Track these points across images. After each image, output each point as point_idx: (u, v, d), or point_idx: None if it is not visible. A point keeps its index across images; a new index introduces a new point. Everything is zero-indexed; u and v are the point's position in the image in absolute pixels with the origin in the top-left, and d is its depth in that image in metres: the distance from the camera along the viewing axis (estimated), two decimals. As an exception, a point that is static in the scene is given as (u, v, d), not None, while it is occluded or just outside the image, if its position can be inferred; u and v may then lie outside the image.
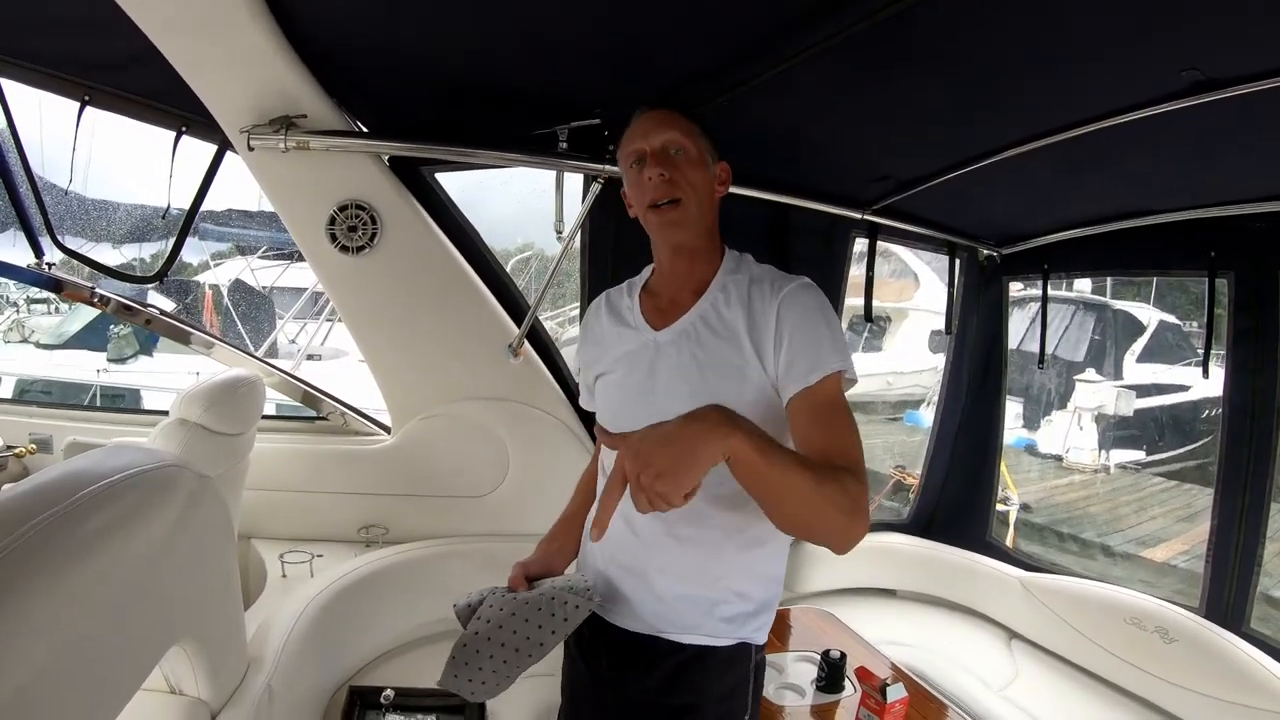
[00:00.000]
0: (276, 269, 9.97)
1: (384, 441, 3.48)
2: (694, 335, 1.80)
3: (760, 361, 1.71)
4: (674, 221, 1.80)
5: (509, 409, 3.40)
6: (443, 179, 3.20)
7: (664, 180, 1.77)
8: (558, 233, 3.04)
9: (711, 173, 1.85)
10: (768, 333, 1.71)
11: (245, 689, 2.06)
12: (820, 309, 1.75)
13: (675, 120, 1.82)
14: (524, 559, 2.10)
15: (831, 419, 1.65)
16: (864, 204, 3.60)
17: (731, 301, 1.79)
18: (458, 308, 3.20)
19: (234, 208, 9.66)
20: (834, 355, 1.68)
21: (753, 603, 1.82)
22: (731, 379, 1.72)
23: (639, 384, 1.85)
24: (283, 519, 3.41)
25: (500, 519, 3.49)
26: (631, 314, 1.96)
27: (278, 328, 9.40)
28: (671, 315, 1.86)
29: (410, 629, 3.18)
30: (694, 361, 1.77)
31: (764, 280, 1.80)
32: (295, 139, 2.65)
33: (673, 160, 1.78)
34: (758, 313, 1.75)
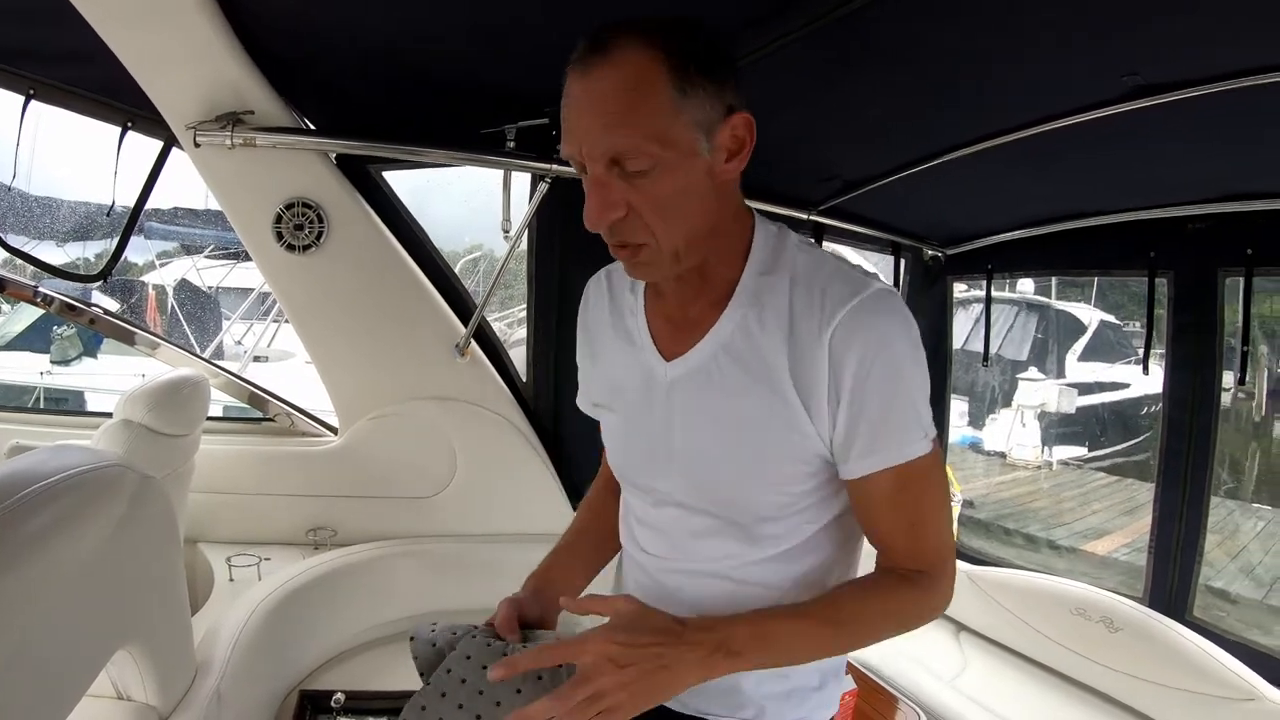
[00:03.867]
0: (223, 269, 9.87)
1: (331, 442, 3.46)
2: (717, 374, 1.30)
3: (810, 416, 1.23)
4: (645, 266, 1.25)
5: (456, 409, 3.38)
6: (392, 180, 3.19)
7: (618, 224, 1.19)
8: (505, 232, 3.04)
9: (705, 157, 1.18)
10: (818, 379, 1.21)
11: (194, 694, 2.04)
12: (898, 347, 1.21)
13: (630, 107, 1.12)
14: (515, 596, 1.51)
15: (896, 510, 1.28)
16: (811, 204, 3.63)
17: (766, 320, 1.26)
18: (405, 307, 3.19)
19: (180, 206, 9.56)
20: (915, 427, 1.24)
21: (815, 675, 1.43)
22: (778, 446, 1.27)
23: (651, 438, 1.40)
24: (230, 522, 3.37)
25: (448, 519, 3.48)
26: (635, 322, 1.43)
27: (224, 329, 9.31)
28: (685, 336, 1.34)
29: (360, 631, 3.16)
30: (722, 414, 1.30)
31: (813, 285, 1.24)
32: (242, 136, 2.61)
33: (627, 183, 1.16)
34: (803, 344, 1.22)
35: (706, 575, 1.39)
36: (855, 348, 1.18)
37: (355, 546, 3.29)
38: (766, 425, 1.26)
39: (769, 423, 1.26)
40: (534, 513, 3.56)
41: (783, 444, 1.26)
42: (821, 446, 1.26)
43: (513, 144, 2.89)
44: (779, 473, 1.29)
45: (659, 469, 1.40)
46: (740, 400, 1.27)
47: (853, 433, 1.22)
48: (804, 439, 1.25)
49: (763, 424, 1.26)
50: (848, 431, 1.22)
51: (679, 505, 1.40)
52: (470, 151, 2.90)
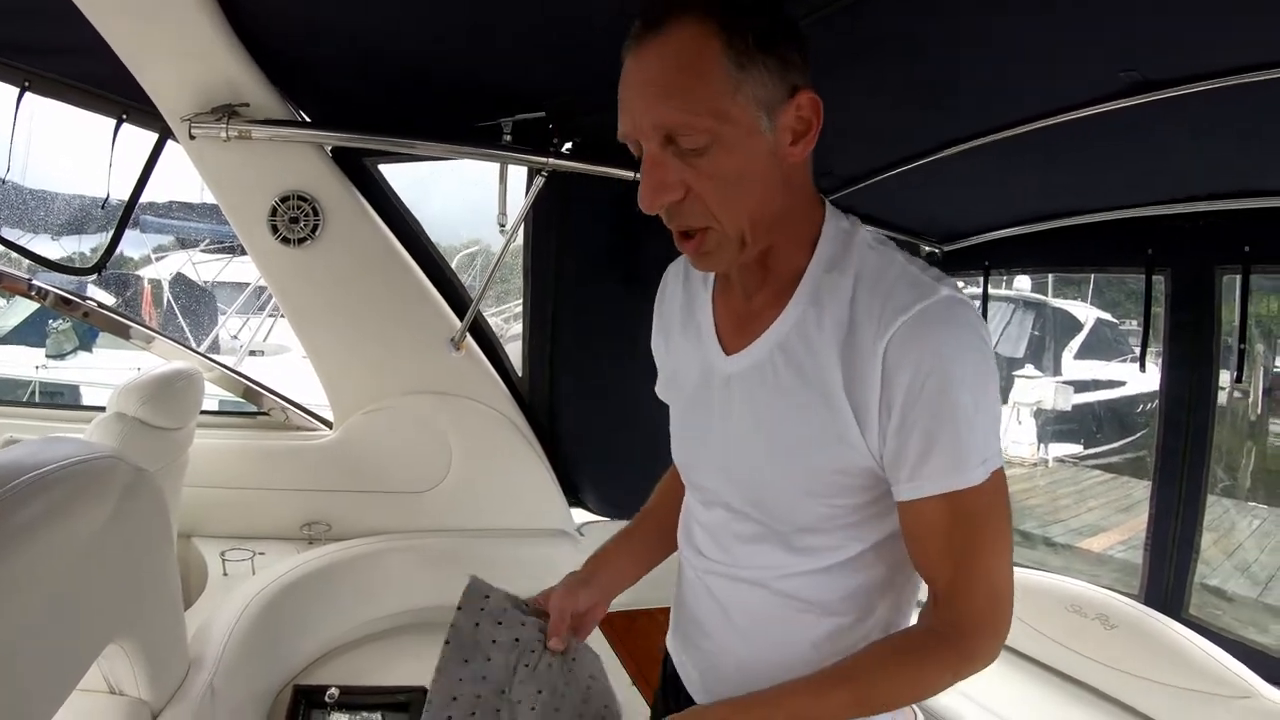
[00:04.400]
0: (219, 263, 9.86)
1: (326, 436, 3.45)
2: (771, 374, 1.24)
3: (860, 428, 1.16)
4: (708, 255, 1.21)
5: (451, 403, 3.37)
6: (389, 173, 3.18)
7: (676, 206, 1.15)
8: (501, 226, 3.03)
9: (768, 136, 1.13)
10: (871, 390, 1.14)
11: (187, 689, 2.03)
12: (957, 362, 1.12)
13: (684, 80, 1.08)
14: (571, 582, 1.52)
15: (945, 545, 1.18)
16: (807, 200, 3.57)
17: (825, 322, 1.19)
18: (400, 300, 3.18)
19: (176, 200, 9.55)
20: (969, 454, 1.14)
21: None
22: (825, 456, 1.20)
23: (702, 432, 1.38)
24: (224, 516, 3.36)
25: (444, 514, 3.46)
26: (703, 315, 1.39)
27: (220, 323, 9.30)
28: (746, 330, 1.29)
29: (355, 626, 3.15)
30: (772, 416, 1.25)
31: (877, 288, 1.16)
32: (237, 128, 2.61)
33: (684, 162, 1.11)
34: (859, 353, 1.15)
35: (748, 583, 1.35)
36: (909, 361, 1.11)
37: (350, 541, 3.28)
38: (813, 431, 1.20)
39: (816, 429, 1.19)
40: (529, 508, 3.56)
41: (828, 453, 1.19)
42: (871, 461, 1.18)
43: (509, 137, 2.87)
44: (822, 482, 1.23)
45: (709, 466, 1.38)
46: (789, 403, 1.22)
47: (901, 453, 1.14)
48: (851, 451, 1.18)
49: (809, 430, 1.20)
50: (897, 451, 1.15)
51: (725, 506, 1.36)
52: (467, 144, 2.89)
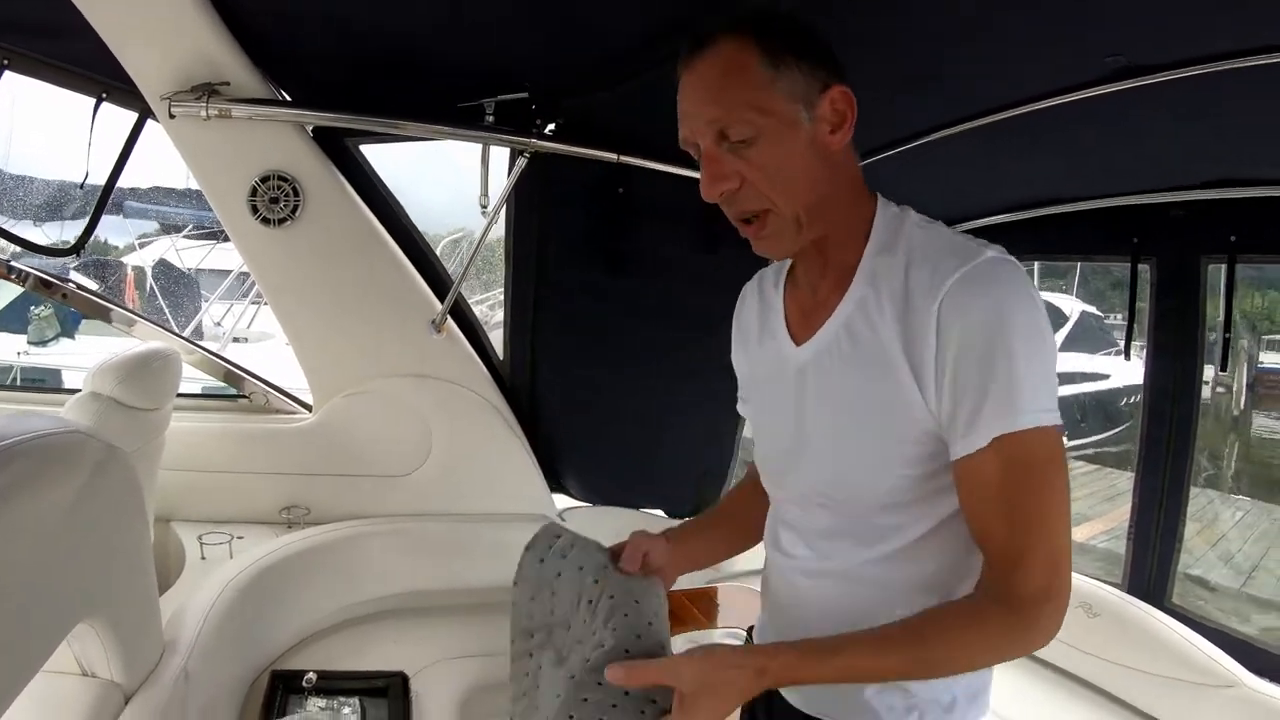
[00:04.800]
0: (202, 249, 9.81)
1: (305, 420, 3.43)
2: (838, 355, 1.32)
3: (921, 392, 1.22)
4: (770, 238, 1.31)
5: (432, 386, 3.35)
6: (372, 155, 3.17)
7: (733, 194, 1.27)
8: (482, 207, 3.02)
9: (808, 126, 1.25)
10: (926, 355, 1.20)
11: (161, 672, 2.00)
12: (1005, 316, 1.17)
13: (726, 81, 1.24)
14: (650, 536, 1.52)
15: (999, 503, 1.20)
16: (791, 185, 3.55)
17: (883, 300, 1.27)
18: (380, 282, 3.16)
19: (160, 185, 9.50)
20: (1023, 401, 1.16)
21: (946, 693, 1.36)
22: (895, 426, 1.26)
23: (782, 426, 1.42)
24: (203, 500, 3.34)
25: (424, 498, 3.45)
26: (774, 315, 1.48)
27: (203, 309, 9.26)
28: (813, 320, 1.38)
29: (334, 611, 3.13)
30: (844, 396, 1.32)
31: (926, 260, 1.24)
32: (217, 107, 2.60)
33: (736, 155, 1.24)
34: (915, 319, 1.22)
35: (832, 576, 1.39)
36: (960, 316, 1.17)
37: (329, 525, 3.26)
38: (882, 404, 1.26)
39: (885, 401, 1.25)
40: (510, 492, 3.54)
41: (899, 423, 1.25)
42: (933, 424, 1.23)
43: (491, 118, 2.86)
44: (896, 453, 1.27)
45: (789, 457, 1.43)
46: (858, 377, 1.28)
47: (958, 406, 1.19)
48: (915, 415, 1.23)
49: (879, 403, 1.26)
50: (953, 404, 1.19)
51: (806, 498, 1.42)
52: (448, 125, 2.89)
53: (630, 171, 3.10)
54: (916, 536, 1.31)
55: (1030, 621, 1.19)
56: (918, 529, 1.31)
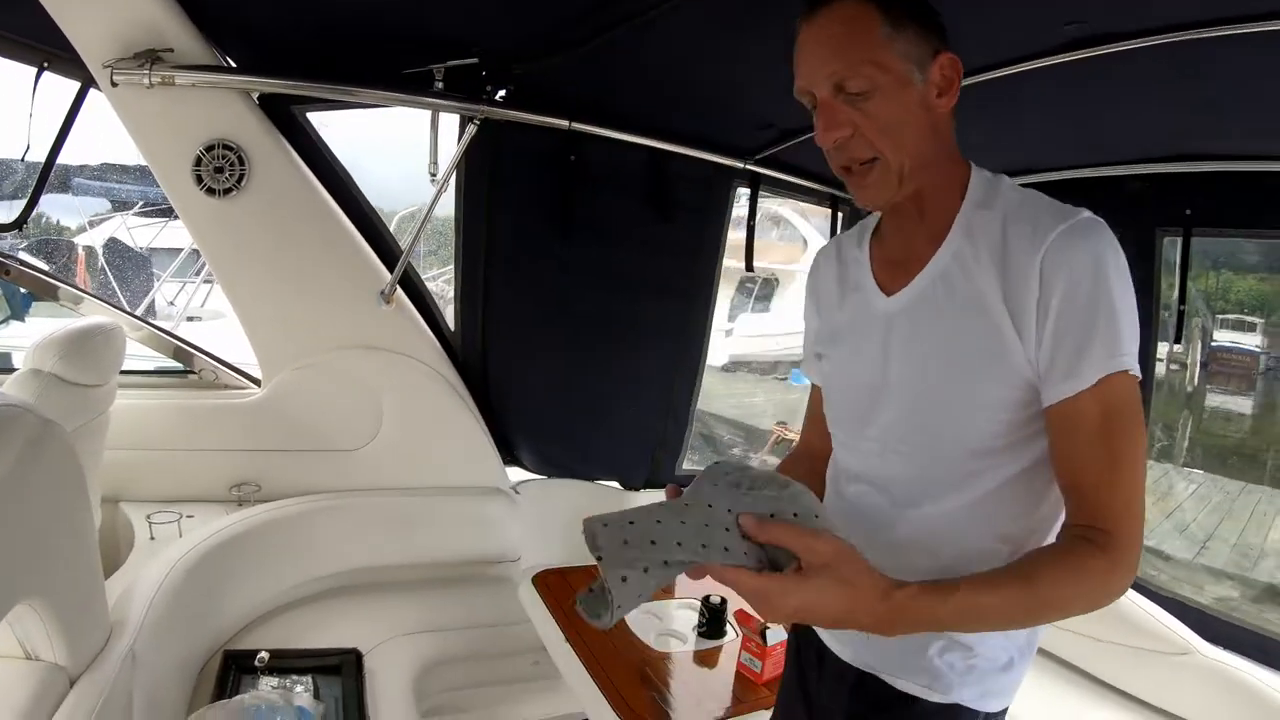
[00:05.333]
0: (154, 227, 9.68)
1: (254, 395, 3.37)
2: (934, 303, 1.38)
3: (1020, 337, 1.28)
4: (872, 186, 1.36)
5: (382, 358, 3.32)
6: (332, 134, 3.13)
7: (847, 141, 1.31)
8: (432, 175, 2.97)
9: (919, 87, 1.31)
10: (1029, 300, 1.26)
11: (107, 654, 1.94)
12: (1105, 267, 1.25)
13: (848, 37, 1.29)
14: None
15: (1112, 444, 1.25)
16: (746, 153, 3.57)
17: (980, 253, 1.33)
18: (328, 253, 3.12)
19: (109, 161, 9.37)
20: (1119, 346, 1.24)
21: (1004, 653, 1.43)
22: (989, 370, 1.31)
23: (868, 373, 1.46)
24: (153, 479, 3.26)
25: (375, 472, 3.42)
26: (860, 270, 1.54)
27: (155, 287, 9.14)
28: (906, 272, 1.43)
29: (287, 589, 3.09)
30: (937, 341, 1.37)
31: (1025, 217, 1.31)
32: (160, 74, 2.54)
33: (852, 106, 1.30)
34: (1015, 269, 1.28)
35: (907, 524, 1.43)
36: (1064, 266, 1.24)
37: (280, 501, 3.21)
38: (979, 350, 1.31)
39: (982, 347, 1.31)
40: (462, 464, 3.53)
41: (994, 368, 1.30)
42: (1029, 370, 1.29)
43: (441, 84, 2.82)
44: (990, 396, 1.32)
45: (873, 404, 1.46)
46: (955, 326, 1.34)
47: (1060, 349, 1.25)
48: (1012, 364, 1.29)
49: (976, 349, 1.32)
50: (1054, 348, 1.25)
51: (886, 445, 1.45)
52: (397, 91, 2.85)
53: (582, 139, 3.08)
54: (996, 484, 1.36)
55: (1127, 565, 1.24)
56: (999, 475, 1.36)
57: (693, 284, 3.81)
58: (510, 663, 3.32)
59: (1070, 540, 1.27)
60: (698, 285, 3.83)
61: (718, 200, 3.74)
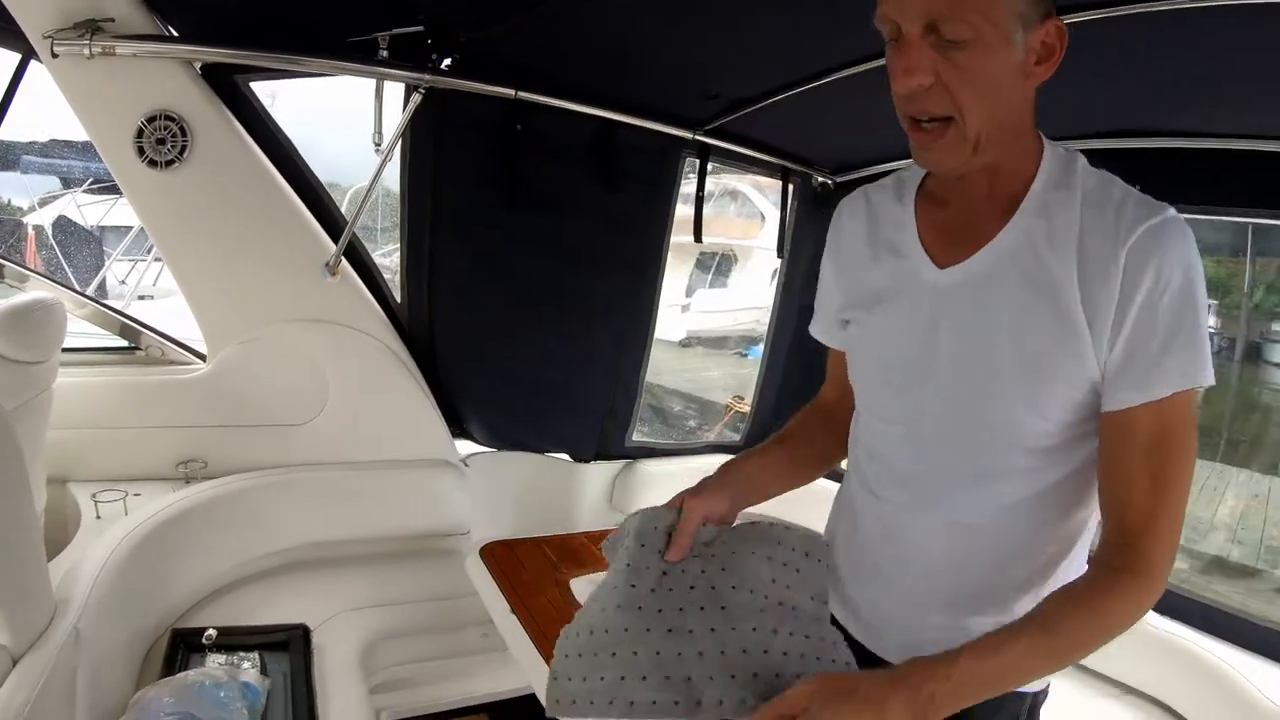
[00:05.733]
0: (104, 205, 9.57)
1: (199, 370, 3.32)
2: (998, 284, 1.28)
3: (1091, 336, 1.21)
4: (940, 150, 1.24)
5: (327, 330, 3.29)
6: (283, 111, 3.12)
7: (924, 90, 1.19)
8: (376, 145, 2.94)
9: (1019, 49, 1.18)
10: (1107, 297, 1.19)
11: (50, 634, 1.92)
12: (1194, 275, 1.19)
13: None
14: (706, 488, 1.48)
15: (1164, 462, 1.21)
16: (696, 124, 3.57)
17: (1056, 235, 1.24)
18: (272, 225, 3.09)
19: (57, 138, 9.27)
20: (1193, 364, 1.19)
21: None
22: (1058, 362, 1.23)
23: (910, 349, 1.37)
24: (99, 458, 3.22)
25: (322, 447, 3.40)
26: (902, 233, 1.42)
27: (106, 265, 9.05)
28: (962, 245, 1.33)
29: (236, 565, 3.06)
30: (1002, 325, 1.27)
31: (1105, 202, 1.24)
32: (101, 44, 2.51)
33: (940, 53, 1.16)
34: (1094, 258, 1.20)
35: (943, 521, 1.37)
36: (1151, 267, 1.17)
37: (227, 478, 3.19)
38: (1044, 342, 1.23)
39: (1047, 340, 1.23)
40: (410, 437, 3.52)
41: (1058, 363, 1.23)
42: (1095, 372, 1.22)
43: (385, 53, 2.79)
44: (1047, 394, 1.25)
45: (911, 384, 1.37)
46: (1020, 313, 1.26)
47: (1137, 353, 1.19)
48: (1080, 361, 1.22)
49: (1040, 340, 1.24)
50: (1128, 353, 1.19)
51: (919, 433, 1.38)
52: (341, 60, 2.82)
53: (529, 108, 3.06)
54: (1043, 485, 1.31)
55: (1158, 585, 1.22)
56: (1045, 477, 1.31)
57: (642, 255, 3.82)
58: (459, 636, 3.33)
59: (1101, 569, 1.25)
60: (647, 256, 3.84)
61: (667, 171, 3.73)
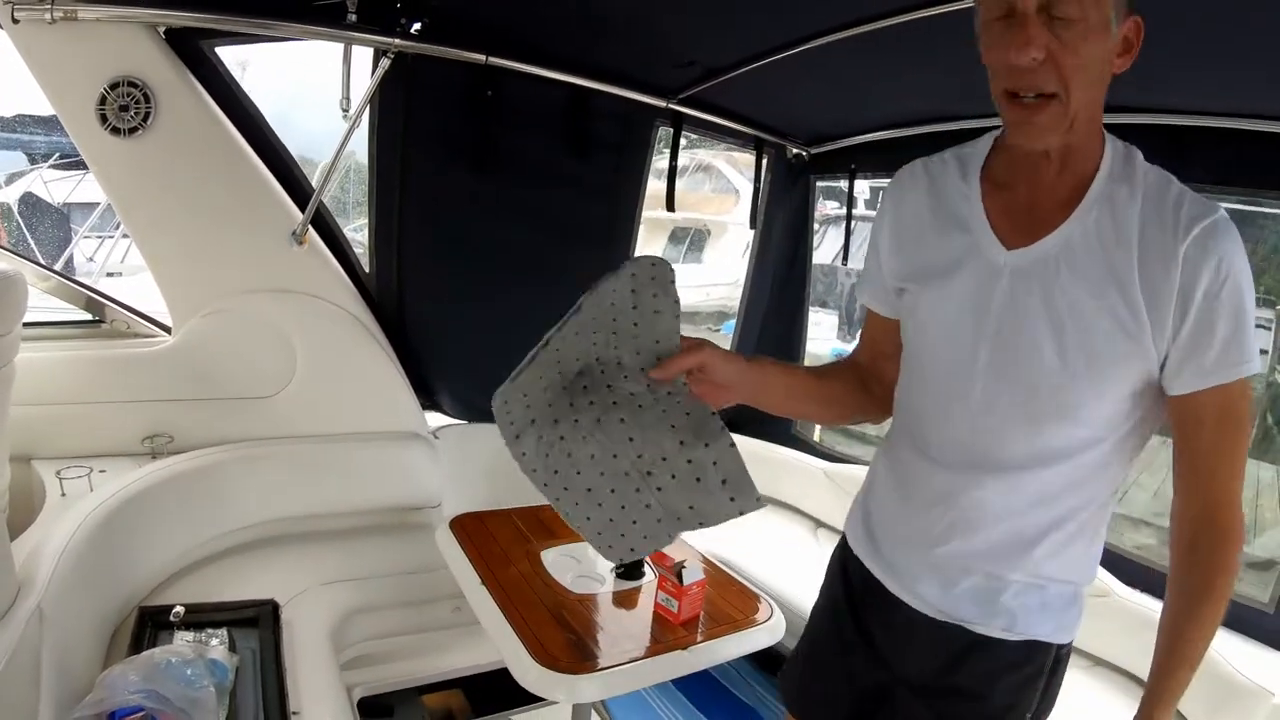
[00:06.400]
0: (71, 180, 9.47)
1: (164, 343, 3.26)
2: (1064, 269, 1.35)
3: (1150, 324, 1.30)
4: (1041, 126, 1.30)
5: (294, 301, 3.25)
6: (258, 87, 3.06)
7: (1037, 65, 1.25)
8: (343, 110, 2.89)
9: (1113, 38, 1.28)
10: (1168, 288, 1.28)
11: (13, 613, 1.88)
12: (1245, 269, 1.29)
13: None
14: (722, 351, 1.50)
15: (1229, 435, 1.36)
16: (669, 92, 3.55)
17: (1120, 226, 1.32)
18: (238, 193, 3.04)
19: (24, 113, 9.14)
20: (1251, 351, 1.31)
21: (1070, 588, 1.51)
22: (1122, 347, 1.32)
23: (982, 327, 1.43)
24: (64, 434, 3.15)
25: (290, 419, 3.36)
26: (970, 209, 1.48)
27: (73, 243, 8.97)
28: (1029, 228, 1.40)
29: (205, 541, 3.03)
30: (1063, 306, 1.35)
31: (1163, 198, 1.32)
32: (62, 8, 2.47)
33: (1058, 30, 1.24)
34: (1154, 251, 1.29)
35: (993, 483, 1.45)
36: (1210, 262, 1.25)
37: (194, 452, 3.14)
38: (1106, 326, 1.31)
39: (1109, 324, 1.31)
40: (380, 408, 3.50)
41: (1118, 347, 1.31)
42: (1153, 358, 1.32)
43: (354, 17, 2.75)
44: (1106, 375, 1.34)
45: (972, 355, 1.44)
46: (1084, 297, 1.33)
47: (1200, 342, 1.28)
48: (1139, 346, 1.31)
49: (1102, 324, 1.32)
50: (1192, 343, 1.29)
51: (978, 406, 1.45)
52: (308, 23, 2.77)
53: (500, 74, 3.04)
54: (1088, 455, 1.40)
55: (1240, 543, 1.37)
56: (1093, 448, 1.40)
57: (613, 224, 3.82)
58: (431, 610, 3.31)
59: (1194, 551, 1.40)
60: (618, 225, 3.84)
61: (639, 140, 3.72)
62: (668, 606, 2.59)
